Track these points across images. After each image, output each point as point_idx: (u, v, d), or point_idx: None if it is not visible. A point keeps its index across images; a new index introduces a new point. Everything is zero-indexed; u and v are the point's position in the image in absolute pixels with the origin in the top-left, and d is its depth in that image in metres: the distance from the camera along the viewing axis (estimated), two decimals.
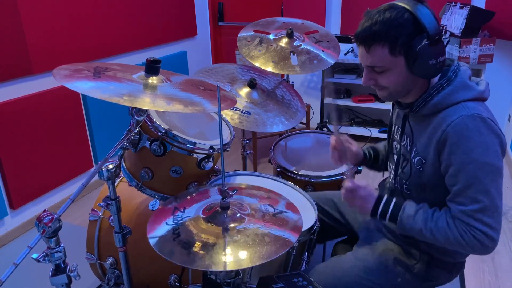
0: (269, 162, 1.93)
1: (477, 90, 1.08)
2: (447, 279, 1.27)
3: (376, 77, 1.11)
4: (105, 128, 2.93)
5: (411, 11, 1.02)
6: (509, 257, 2.16)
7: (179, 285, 1.51)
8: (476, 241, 1.03)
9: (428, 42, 1.01)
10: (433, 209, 1.12)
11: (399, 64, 1.06)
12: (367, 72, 1.13)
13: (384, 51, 1.05)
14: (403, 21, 1.02)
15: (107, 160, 1.09)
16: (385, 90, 1.13)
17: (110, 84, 1.02)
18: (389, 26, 1.02)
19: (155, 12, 3.30)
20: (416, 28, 1.02)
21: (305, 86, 3.98)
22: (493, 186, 1.02)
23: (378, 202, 1.16)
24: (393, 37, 1.03)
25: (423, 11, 1.02)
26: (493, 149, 1.02)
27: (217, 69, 1.93)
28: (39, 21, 2.36)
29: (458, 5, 2.91)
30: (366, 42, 1.07)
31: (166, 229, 1.05)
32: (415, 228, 1.10)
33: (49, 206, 2.63)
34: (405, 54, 1.04)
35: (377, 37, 1.04)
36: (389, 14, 1.03)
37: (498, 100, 3.33)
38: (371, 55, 1.07)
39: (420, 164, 1.14)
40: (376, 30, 1.04)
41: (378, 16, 1.04)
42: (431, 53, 1.02)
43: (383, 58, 1.06)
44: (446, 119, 1.05)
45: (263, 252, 0.95)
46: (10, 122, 2.28)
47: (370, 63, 1.09)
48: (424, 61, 1.02)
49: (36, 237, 0.92)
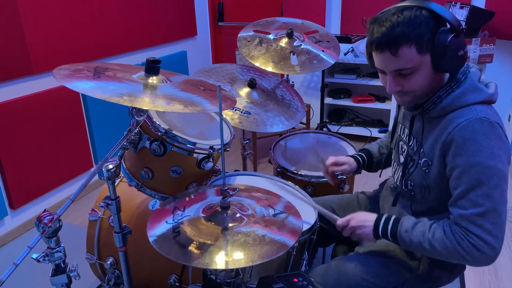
0: (269, 162, 1.93)
1: (487, 93, 1.07)
2: (448, 280, 1.27)
3: (402, 82, 1.07)
4: (105, 128, 2.93)
5: (427, 8, 1.01)
6: (509, 257, 2.16)
7: (179, 285, 1.51)
8: (473, 248, 1.00)
9: (454, 34, 1.00)
10: (431, 222, 1.10)
11: (426, 62, 1.04)
12: (393, 78, 1.08)
13: (412, 51, 1.02)
14: (424, 18, 1.00)
15: (107, 160, 1.09)
16: (409, 94, 1.10)
17: (110, 84, 1.02)
18: (412, 25, 1.00)
19: (155, 12, 3.30)
20: (438, 23, 1.01)
21: (305, 86, 3.98)
22: (497, 191, 0.99)
23: (377, 222, 1.17)
24: (418, 35, 1.00)
25: (437, 6, 1.01)
26: (498, 154, 1.00)
27: (217, 69, 1.93)
28: (39, 21, 2.36)
29: (458, 5, 2.92)
30: (392, 45, 1.02)
31: (166, 227, 1.05)
32: (414, 242, 1.10)
33: (49, 206, 2.63)
34: (432, 50, 1.02)
35: (403, 38, 1.01)
36: (409, 14, 1.01)
37: (498, 100, 3.30)
38: (399, 58, 1.03)
39: (426, 166, 1.14)
40: (400, 31, 1.00)
41: (396, 17, 1.01)
42: (459, 44, 1.01)
43: (412, 59, 1.02)
44: (453, 121, 1.04)
45: (263, 251, 0.95)
46: (10, 122, 2.28)
47: (398, 67, 1.04)
48: (453, 53, 1.01)
49: (36, 237, 0.92)
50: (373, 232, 1.17)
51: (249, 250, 0.95)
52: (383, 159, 1.50)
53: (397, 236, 1.13)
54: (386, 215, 1.18)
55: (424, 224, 1.10)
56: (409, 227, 1.11)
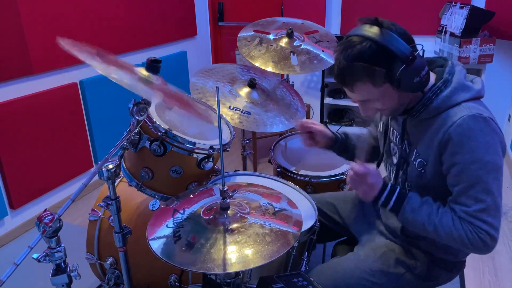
0: (269, 162, 1.93)
1: (475, 89, 1.09)
2: (447, 279, 1.28)
3: (372, 106, 1.13)
4: (105, 128, 2.93)
5: (376, 41, 1.01)
6: (509, 257, 2.16)
7: (179, 285, 1.51)
8: (480, 241, 1.03)
9: (404, 65, 1.01)
10: (437, 204, 1.11)
11: (387, 90, 1.07)
12: (362, 106, 1.14)
13: (367, 86, 1.06)
14: (372, 53, 1.01)
15: (107, 160, 1.09)
16: (385, 111, 1.15)
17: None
18: (362, 65, 1.02)
19: (155, 12, 3.30)
20: (388, 57, 1.02)
21: (305, 86, 3.98)
22: (495, 185, 1.03)
23: (382, 190, 1.14)
24: (369, 73, 1.03)
25: (388, 36, 1.01)
26: (494, 148, 1.03)
27: (217, 69, 1.93)
28: (39, 21, 2.36)
29: (458, 5, 2.92)
30: (347, 84, 1.08)
31: (166, 231, 1.05)
32: (417, 221, 1.10)
33: (49, 206, 2.63)
34: (389, 81, 1.05)
35: (354, 78, 1.05)
36: (356, 51, 1.02)
37: (498, 100, 3.33)
38: (357, 93, 1.09)
39: (421, 166, 1.15)
40: (350, 71, 1.05)
41: (345, 56, 1.04)
42: (412, 73, 1.02)
43: (370, 92, 1.08)
44: (448, 120, 1.06)
45: (264, 252, 0.95)
46: (10, 122, 2.28)
47: (360, 99, 1.11)
48: (408, 81, 1.03)
49: (37, 237, 0.92)
50: (375, 198, 1.14)
51: (251, 251, 0.95)
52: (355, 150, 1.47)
53: (400, 212, 1.12)
54: (390, 186, 1.14)
55: (431, 206, 1.10)
56: (415, 206, 1.11)
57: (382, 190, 1.14)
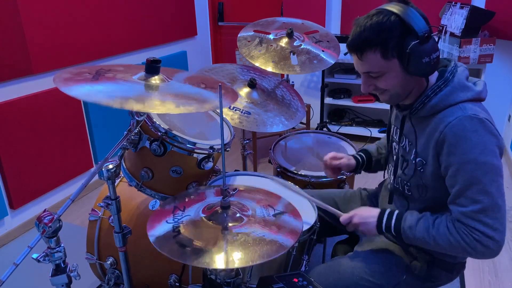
0: (269, 162, 1.93)
1: (474, 90, 1.08)
2: (447, 279, 1.27)
3: (374, 82, 1.12)
4: (105, 128, 2.93)
5: (397, 14, 1.03)
6: (509, 257, 2.16)
7: (179, 285, 1.51)
8: (477, 243, 1.02)
9: (418, 41, 1.01)
10: (434, 217, 1.12)
11: (394, 66, 1.07)
12: (365, 79, 1.14)
13: (376, 56, 1.06)
14: (390, 24, 1.03)
15: (107, 160, 1.09)
16: (386, 93, 1.13)
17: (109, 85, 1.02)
18: (377, 31, 1.03)
19: (155, 12, 3.30)
20: (405, 30, 1.02)
21: (305, 86, 3.98)
22: (493, 186, 1.01)
23: (380, 218, 1.18)
24: (383, 41, 1.04)
25: (409, 12, 1.03)
26: (490, 149, 1.02)
27: (217, 69, 1.93)
28: (39, 21, 2.36)
29: (458, 5, 2.91)
30: (358, 49, 1.08)
31: (166, 227, 1.05)
32: (417, 237, 1.11)
33: (49, 206, 2.63)
34: (398, 56, 1.05)
35: (367, 43, 1.05)
36: (376, 19, 1.04)
37: (498, 100, 3.33)
38: (365, 62, 1.09)
39: (421, 165, 1.15)
40: (365, 36, 1.05)
41: (365, 22, 1.05)
42: (423, 51, 1.02)
43: (377, 63, 1.07)
44: (444, 120, 1.06)
45: (263, 251, 0.95)
46: (10, 122, 2.28)
47: (366, 70, 1.10)
48: (417, 60, 1.03)
49: (36, 237, 0.92)
50: (377, 228, 1.19)
51: (249, 250, 0.95)
52: (382, 159, 1.50)
53: (401, 232, 1.14)
54: (389, 210, 1.19)
55: (427, 220, 1.11)
56: (413, 223, 1.12)
57: (380, 218, 1.19)
